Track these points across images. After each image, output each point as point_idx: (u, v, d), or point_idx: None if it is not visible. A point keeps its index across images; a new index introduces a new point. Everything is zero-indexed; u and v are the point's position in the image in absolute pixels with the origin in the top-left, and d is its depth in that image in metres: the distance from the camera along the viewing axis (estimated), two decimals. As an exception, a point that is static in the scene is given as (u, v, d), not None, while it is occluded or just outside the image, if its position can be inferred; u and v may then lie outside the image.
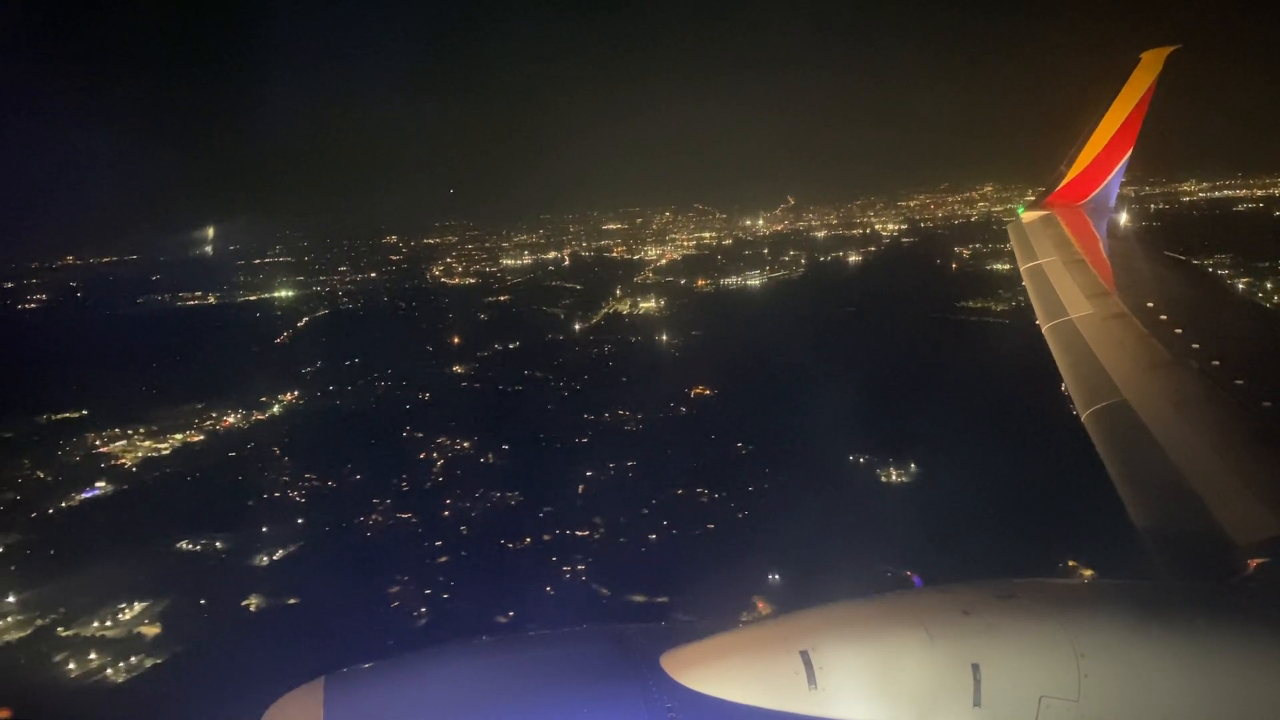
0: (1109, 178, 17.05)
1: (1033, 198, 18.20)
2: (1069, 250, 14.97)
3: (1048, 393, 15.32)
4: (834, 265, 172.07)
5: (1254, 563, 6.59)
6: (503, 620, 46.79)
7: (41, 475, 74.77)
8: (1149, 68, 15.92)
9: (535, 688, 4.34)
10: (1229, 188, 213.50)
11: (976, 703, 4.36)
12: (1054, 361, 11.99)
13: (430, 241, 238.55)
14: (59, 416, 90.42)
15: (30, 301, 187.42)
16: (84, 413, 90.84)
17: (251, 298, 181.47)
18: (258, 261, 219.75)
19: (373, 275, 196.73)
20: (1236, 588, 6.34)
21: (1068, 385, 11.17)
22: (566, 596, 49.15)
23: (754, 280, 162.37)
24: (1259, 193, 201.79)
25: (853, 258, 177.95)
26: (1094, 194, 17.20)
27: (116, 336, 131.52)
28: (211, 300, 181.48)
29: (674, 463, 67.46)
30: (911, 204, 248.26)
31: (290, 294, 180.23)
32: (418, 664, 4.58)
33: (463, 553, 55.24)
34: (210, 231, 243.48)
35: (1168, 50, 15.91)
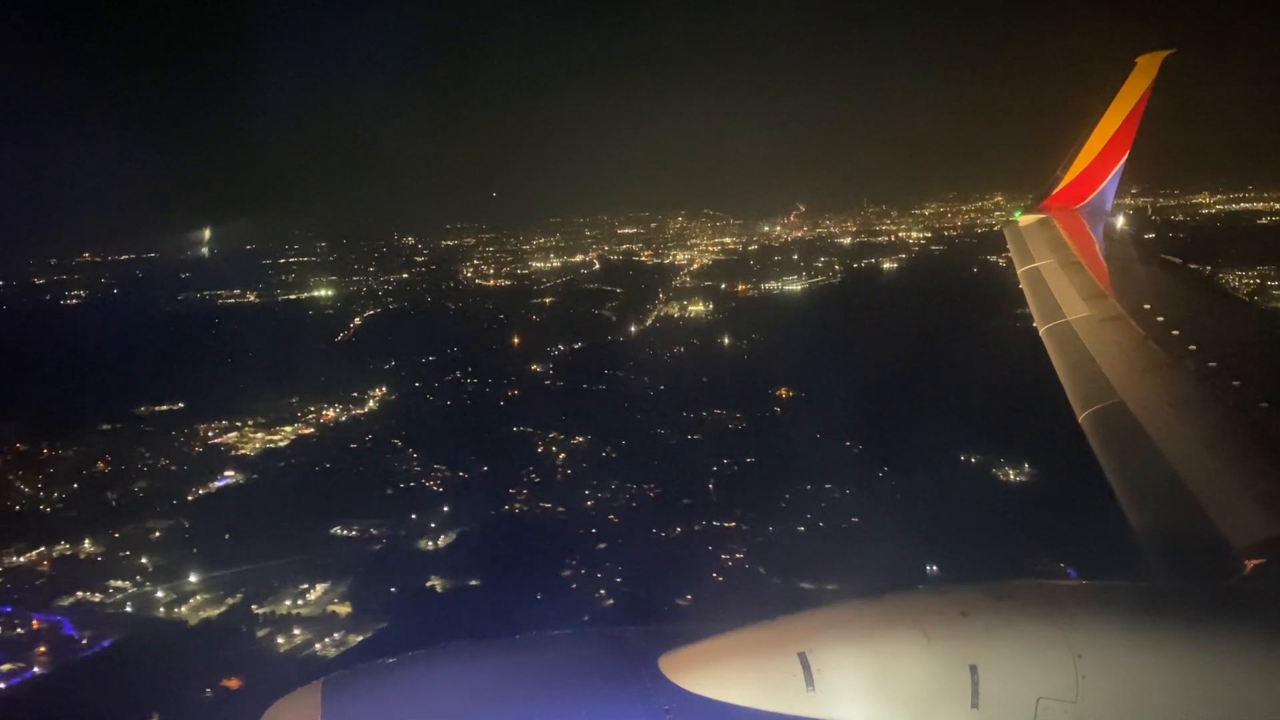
0: (1105, 182, 17.04)
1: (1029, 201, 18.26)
2: (1065, 253, 15.05)
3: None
4: (871, 272, 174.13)
5: (1251, 564, 6.63)
6: (682, 604, 49.38)
7: (166, 464, 76.98)
8: (1145, 72, 15.94)
9: (533, 690, 4.40)
10: (1246, 200, 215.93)
11: (974, 704, 4.42)
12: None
13: (448, 244, 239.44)
14: (157, 409, 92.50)
15: (70, 298, 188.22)
16: (180, 405, 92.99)
17: (292, 296, 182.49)
18: (282, 261, 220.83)
19: (404, 276, 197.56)
20: (1234, 589, 6.38)
21: (1065, 387, 11.17)
22: (737, 582, 51.82)
23: (794, 285, 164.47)
24: (1278, 205, 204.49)
25: (886, 264, 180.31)
26: (1090, 198, 17.18)
27: (174, 332, 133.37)
28: (252, 299, 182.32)
29: (791, 459, 69.81)
30: (926, 212, 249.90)
31: (329, 293, 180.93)
32: (415, 666, 4.66)
33: (619, 540, 57.78)
34: (225, 230, 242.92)
35: (1163, 54, 15.91)
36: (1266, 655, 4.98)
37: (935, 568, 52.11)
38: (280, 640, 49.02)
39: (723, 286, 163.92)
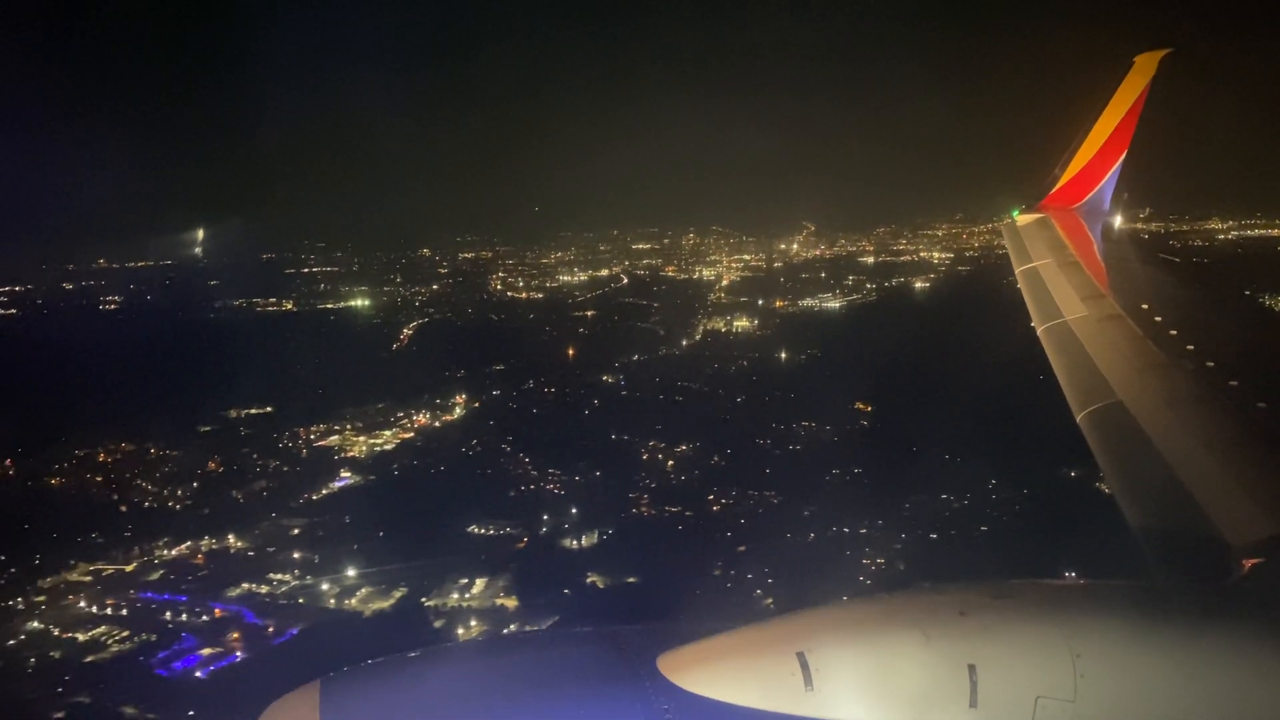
0: (1103, 181, 17.15)
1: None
2: (1063, 253, 15.09)
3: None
4: (903, 290, 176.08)
5: (1249, 563, 6.64)
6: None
7: (279, 465, 78.78)
8: (1142, 71, 16.09)
9: (532, 689, 4.43)
10: (1258, 226, 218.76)
11: (973, 704, 4.42)
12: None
13: (466, 256, 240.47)
14: (248, 413, 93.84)
15: (108, 303, 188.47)
16: (269, 409, 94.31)
17: (329, 305, 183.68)
18: (305, 271, 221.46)
19: (435, 288, 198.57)
20: (1232, 588, 6.41)
21: (1063, 387, 11.22)
22: (888, 584, 53.98)
23: (831, 303, 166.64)
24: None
25: (918, 284, 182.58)
26: (1088, 197, 17.31)
27: (229, 339, 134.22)
28: (290, 307, 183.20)
29: (897, 470, 71.71)
30: (939, 233, 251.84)
31: (367, 303, 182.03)
32: (413, 666, 4.73)
33: (758, 543, 59.87)
34: (240, 238, 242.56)
35: (1161, 54, 16.06)
36: (1264, 655, 5.03)
37: (1072, 574, 54.40)
38: (460, 632, 50.88)
39: (760, 302, 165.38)
